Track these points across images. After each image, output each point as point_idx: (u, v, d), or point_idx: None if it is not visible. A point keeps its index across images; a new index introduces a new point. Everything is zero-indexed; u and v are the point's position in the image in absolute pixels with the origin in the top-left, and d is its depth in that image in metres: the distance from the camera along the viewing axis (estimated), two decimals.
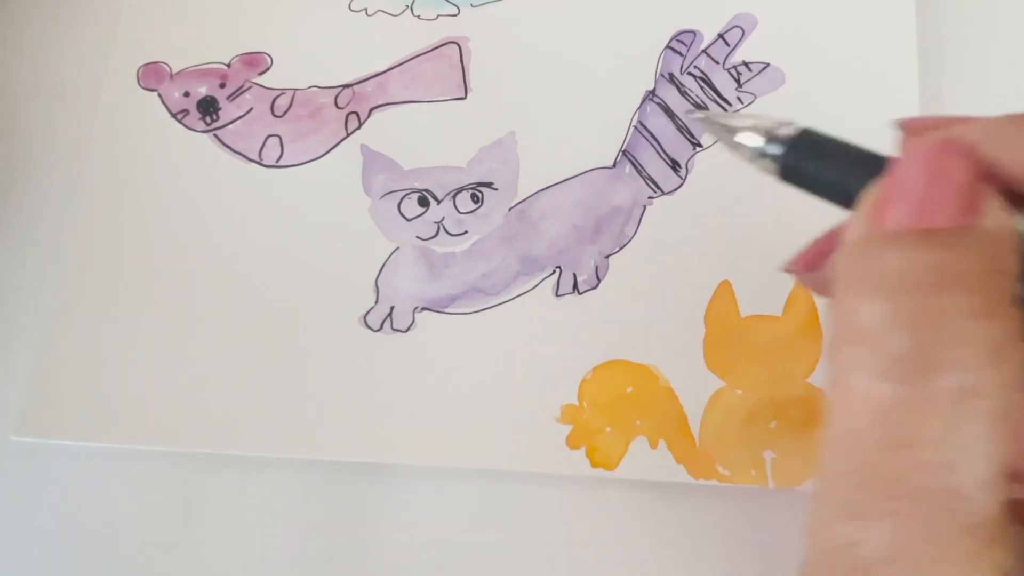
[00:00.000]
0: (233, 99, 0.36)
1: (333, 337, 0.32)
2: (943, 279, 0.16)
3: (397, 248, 0.33)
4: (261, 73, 0.36)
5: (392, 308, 0.33)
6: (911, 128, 0.20)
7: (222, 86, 0.36)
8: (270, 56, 0.36)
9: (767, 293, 0.33)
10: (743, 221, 0.34)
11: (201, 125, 0.35)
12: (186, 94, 0.36)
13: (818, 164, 0.20)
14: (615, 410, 0.31)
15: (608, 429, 0.31)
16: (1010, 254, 0.16)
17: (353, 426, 0.31)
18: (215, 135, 0.35)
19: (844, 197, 0.19)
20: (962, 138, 0.17)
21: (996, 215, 0.16)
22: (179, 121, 0.35)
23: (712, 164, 0.35)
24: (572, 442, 0.31)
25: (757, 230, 0.34)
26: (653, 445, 0.31)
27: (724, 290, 0.33)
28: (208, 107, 0.36)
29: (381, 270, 0.33)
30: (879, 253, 0.16)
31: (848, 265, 0.17)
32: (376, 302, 0.33)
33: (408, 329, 0.32)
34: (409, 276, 0.33)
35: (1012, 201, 0.17)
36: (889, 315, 0.16)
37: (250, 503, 0.31)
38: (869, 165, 0.19)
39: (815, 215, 0.35)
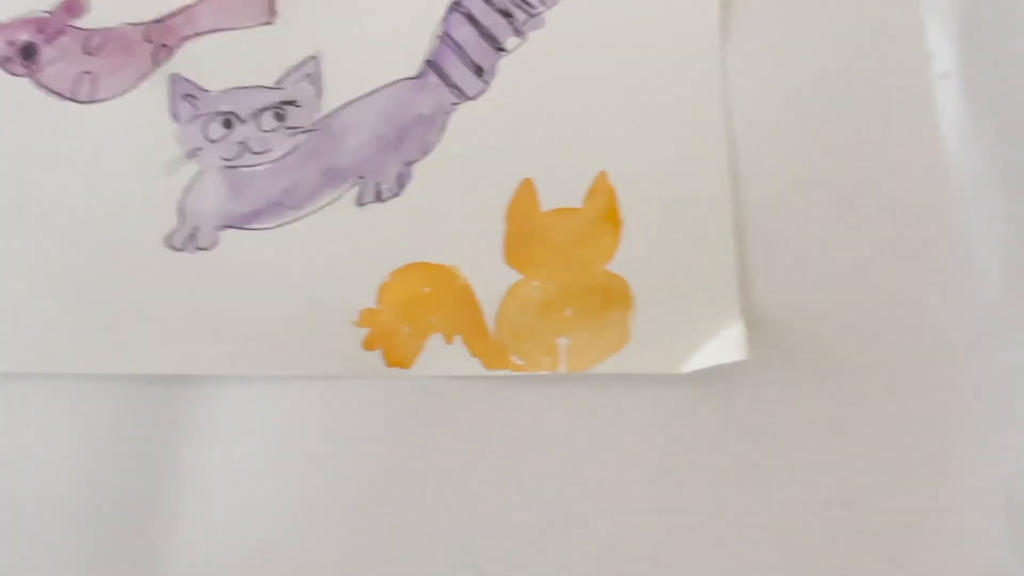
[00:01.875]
0: (51, 42, 0.37)
1: (137, 258, 0.33)
2: None
3: (202, 170, 0.34)
4: (79, 16, 0.37)
5: (196, 228, 0.33)
6: None
7: (41, 31, 0.37)
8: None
9: (569, 188, 0.33)
10: (545, 121, 0.34)
11: (21, 70, 0.36)
12: (10, 43, 0.37)
13: None
14: (411, 310, 0.31)
15: (404, 329, 0.31)
16: None
17: (157, 341, 0.32)
18: (35, 78, 0.36)
19: None
20: None
21: None
22: (2, 67, 0.36)
23: (515, 68, 0.34)
24: (368, 344, 0.31)
25: (559, 128, 0.33)
26: (448, 341, 0.31)
27: (525, 187, 0.33)
28: (29, 52, 0.37)
29: (186, 193, 0.33)
30: None
31: None
32: (181, 223, 0.33)
33: (212, 247, 0.33)
34: (212, 196, 0.33)
35: None
36: None
37: (47, 420, 0.31)
38: None
39: (613, 105, 0.35)
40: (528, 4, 0.35)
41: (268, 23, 0.36)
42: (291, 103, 0.34)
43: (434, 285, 0.32)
